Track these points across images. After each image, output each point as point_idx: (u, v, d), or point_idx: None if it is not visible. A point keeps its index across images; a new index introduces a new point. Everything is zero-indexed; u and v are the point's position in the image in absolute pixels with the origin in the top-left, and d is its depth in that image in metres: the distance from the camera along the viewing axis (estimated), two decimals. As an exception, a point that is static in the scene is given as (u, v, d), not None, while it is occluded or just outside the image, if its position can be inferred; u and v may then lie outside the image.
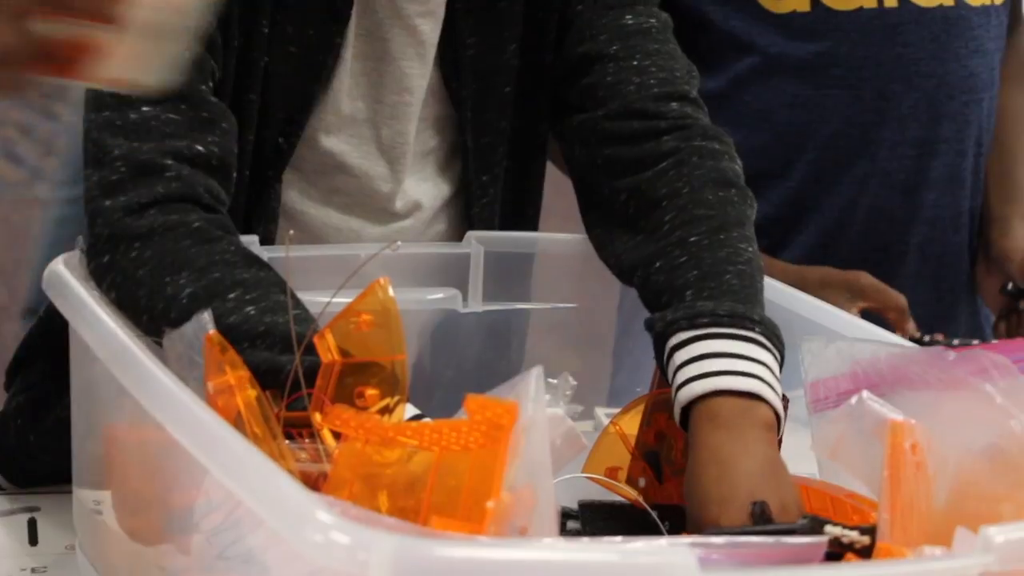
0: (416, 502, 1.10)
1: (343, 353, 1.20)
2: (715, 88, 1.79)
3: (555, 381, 1.15)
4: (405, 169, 1.49)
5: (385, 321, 1.21)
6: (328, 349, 1.21)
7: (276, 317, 1.25)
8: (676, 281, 1.34)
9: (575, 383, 1.15)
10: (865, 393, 1.18)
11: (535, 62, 1.50)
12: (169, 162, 1.31)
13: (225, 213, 1.34)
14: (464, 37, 1.47)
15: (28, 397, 1.55)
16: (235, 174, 1.37)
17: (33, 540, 1.42)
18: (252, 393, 1.26)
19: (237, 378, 1.27)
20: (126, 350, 1.20)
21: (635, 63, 1.45)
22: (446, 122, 1.50)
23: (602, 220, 1.45)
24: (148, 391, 1.16)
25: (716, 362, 1.26)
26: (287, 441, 1.19)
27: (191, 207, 1.31)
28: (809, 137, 1.81)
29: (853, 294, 1.68)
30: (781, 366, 1.29)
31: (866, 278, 1.72)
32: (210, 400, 1.17)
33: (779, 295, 1.46)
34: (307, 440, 1.20)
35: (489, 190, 1.53)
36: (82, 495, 1.35)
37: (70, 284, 1.30)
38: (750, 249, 1.37)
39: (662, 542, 1.00)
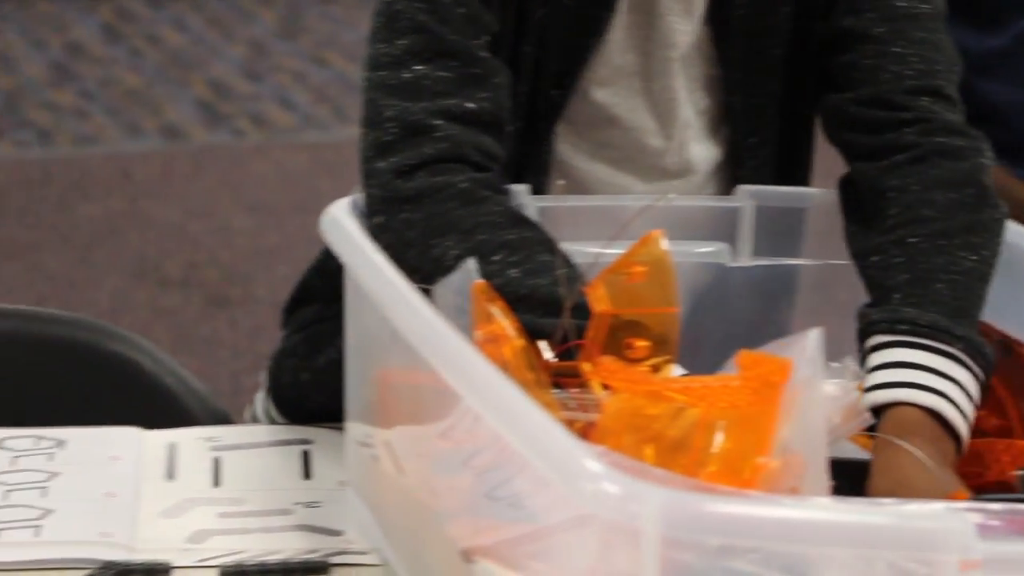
0: (683, 457, 1.10)
1: (614, 305, 1.20)
2: (997, 46, 1.74)
3: (838, 365, 1.14)
4: (675, 125, 1.48)
5: (658, 273, 1.20)
6: (599, 300, 1.21)
7: (539, 279, 1.26)
8: (887, 281, 1.34)
9: (857, 368, 1.14)
10: None
11: (806, 27, 1.48)
12: (439, 122, 1.33)
13: (497, 169, 1.35)
14: None
15: (303, 336, 1.58)
16: (509, 128, 1.38)
17: (307, 474, 1.46)
18: (519, 342, 1.27)
19: (505, 327, 1.28)
20: (401, 295, 1.22)
21: (896, 49, 1.43)
22: (716, 83, 1.49)
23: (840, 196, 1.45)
24: (421, 336, 1.18)
25: (907, 373, 1.27)
26: (554, 390, 1.20)
27: (459, 167, 1.33)
28: (1096, 97, 1.75)
29: None
30: (985, 385, 1.28)
31: None
32: (478, 348, 1.19)
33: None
34: (574, 391, 1.21)
35: (758, 153, 1.51)
36: (354, 433, 1.38)
37: (347, 229, 1.33)
38: (972, 258, 1.34)
39: (939, 507, 0.99)
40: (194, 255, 3.79)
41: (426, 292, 1.25)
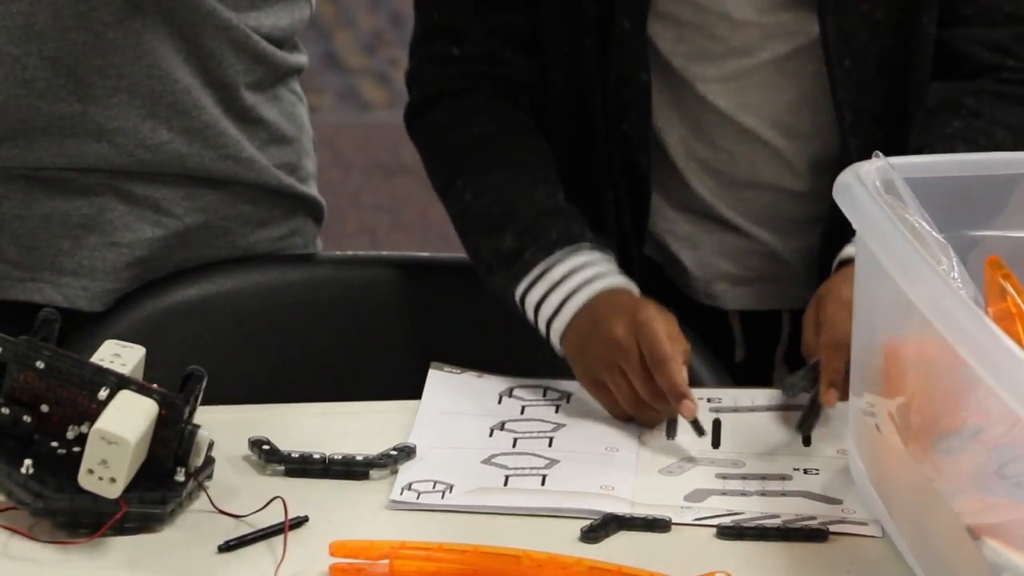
0: None
1: None
2: None
3: None
4: None
5: None
6: None
7: None
8: None
9: None
10: None
11: None
12: None
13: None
14: None
15: None
16: None
17: (806, 440, 1.45)
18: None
19: (1020, 303, 1.25)
20: (917, 266, 1.20)
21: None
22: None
23: None
24: (937, 309, 1.16)
25: None
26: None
27: None
28: None
29: None
30: None
31: None
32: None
33: None
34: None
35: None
36: (858, 401, 1.37)
37: (860, 196, 1.31)
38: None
39: None
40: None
41: None
